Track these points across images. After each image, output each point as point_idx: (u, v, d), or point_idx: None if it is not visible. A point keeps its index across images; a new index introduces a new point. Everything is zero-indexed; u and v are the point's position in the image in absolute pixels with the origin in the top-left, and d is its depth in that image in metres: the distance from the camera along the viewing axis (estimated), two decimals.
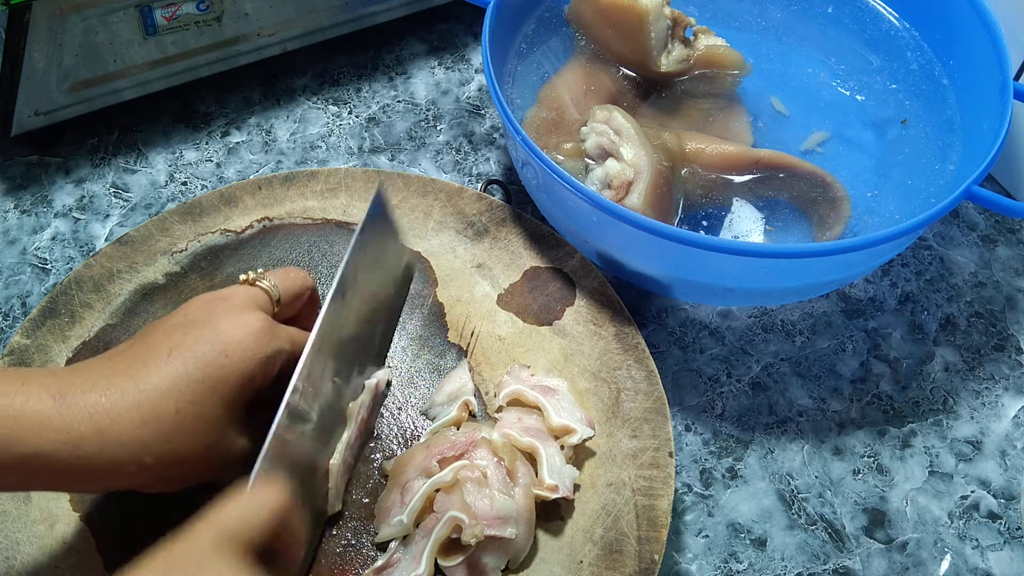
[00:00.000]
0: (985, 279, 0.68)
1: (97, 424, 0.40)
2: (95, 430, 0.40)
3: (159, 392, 0.42)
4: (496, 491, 0.48)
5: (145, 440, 0.41)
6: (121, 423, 0.41)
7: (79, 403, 0.40)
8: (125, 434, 0.41)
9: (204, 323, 0.45)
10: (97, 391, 0.41)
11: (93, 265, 0.60)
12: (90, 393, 0.41)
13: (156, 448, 0.42)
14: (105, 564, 0.49)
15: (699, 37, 0.67)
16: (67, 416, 0.40)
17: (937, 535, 0.56)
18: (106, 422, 0.40)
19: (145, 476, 0.42)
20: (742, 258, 0.53)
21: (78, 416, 0.40)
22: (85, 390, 0.41)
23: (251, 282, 0.49)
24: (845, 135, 0.67)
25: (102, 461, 0.40)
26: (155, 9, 0.66)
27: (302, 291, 0.51)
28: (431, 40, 0.82)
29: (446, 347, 0.58)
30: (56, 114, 0.68)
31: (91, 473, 0.41)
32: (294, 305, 0.51)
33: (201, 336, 0.44)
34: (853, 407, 0.61)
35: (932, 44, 0.69)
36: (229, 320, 0.45)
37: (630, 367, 0.57)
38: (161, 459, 0.42)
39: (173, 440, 0.42)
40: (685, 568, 0.54)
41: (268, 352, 0.45)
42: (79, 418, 0.40)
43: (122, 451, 0.41)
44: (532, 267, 0.62)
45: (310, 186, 0.65)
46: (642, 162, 0.58)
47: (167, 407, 0.42)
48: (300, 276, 0.52)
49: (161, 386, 0.42)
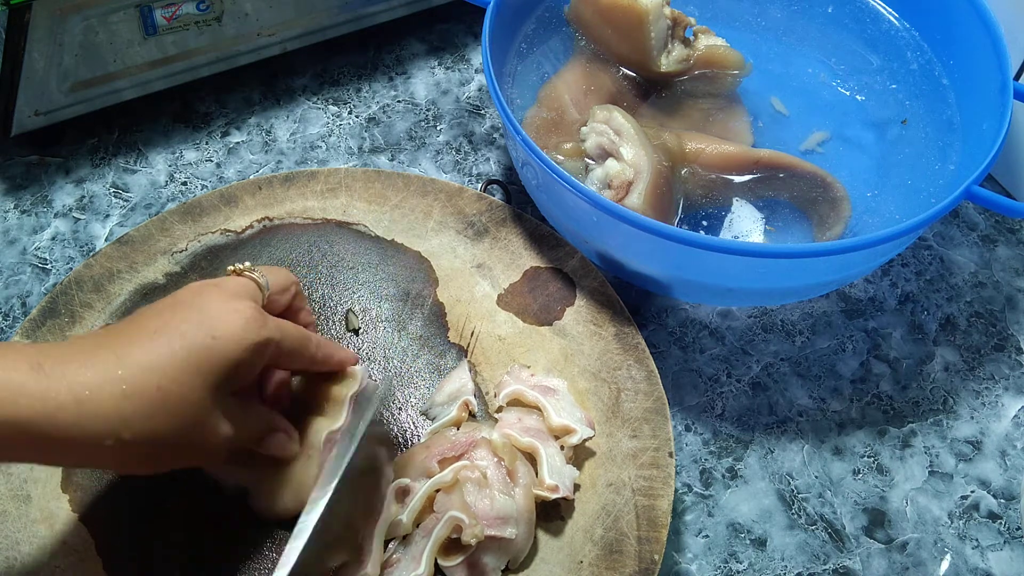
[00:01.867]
0: (985, 279, 0.68)
1: (76, 394, 0.39)
2: (73, 400, 0.39)
3: (142, 368, 0.41)
4: (496, 491, 0.48)
5: (125, 414, 0.40)
6: (101, 395, 0.40)
7: (57, 372, 0.39)
8: (105, 406, 0.40)
9: (194, 306, 0.44)
10: (77, 362, 0.40)
11: (93, 265, 0.60)
12: (70, 364, 0.40)
13: (136, 424, 0.41)
14: (104, 564, 0.49)
15: (699, 37, 0.67)
16: (44, 384, 0.39)
17: (937, 535, 0.56)
18: (85, 393, 0.39)
19: (123, 453, 0.41)
20: (742, 258, 0.53)
21: (55, 385, 0.39)
22: (65, 361, 0.40)
23: (239, 273, 0.49)
24: (845, 135, 0.67)
25: (79, 433, 0.39)
26: (155, 9, 0.66)
27: (288, 284, 0.51)
28: (431, 40, 0.82)
29: (446, 347, 0.58)
30: (56, 114, 0.68)
31: (68, 445, 0.40)
32: (281, 298, 0.51)
33: (190, 317, 0.44)
34: (853, 407, 0.61)
35: (932, 44, 0.69)
36: (220, 305, 0.45)
37: (630, 367, 0.57)
38: (140, 436, 0.41)
39: (154, 417, 0.41)
40: (685, 568, 0.54)
41: (257, 339, 0.45)
42: (56, 387, 0.39)
43: (101, 424, 0.40)
44: (532, 267, 0.62)
45: (310, 186, 0.65)
46: (642, 162, 0.58)
47: (149, 383, 0.41)
48: (284, 272, 0.51)
49: (145, 362, 0.41)
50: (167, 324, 0.43)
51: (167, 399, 0.41)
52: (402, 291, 0.61)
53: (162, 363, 0.42)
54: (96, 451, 0.41)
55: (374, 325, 0.59)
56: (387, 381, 0.57)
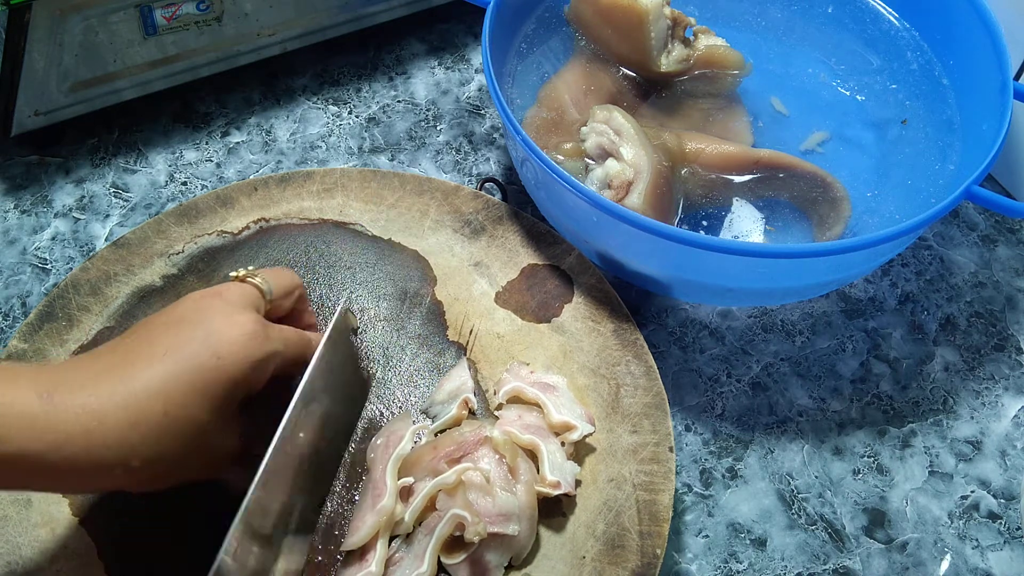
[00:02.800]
0: (985, 279, 0.68)
1: (84, 425, 0.39)
2: (82, 431, 0.39)
3: (147, 394, 0.41)
4: (498, 488, 0.48)
5: (132, 443, 0.40)
6: (108, 424, 0.40)
7: (66, 403, 0.39)
8: (112, 436, 0.40)
9: (196, 323, 0.44)
10: (86, 391, 0.40)
11: (90, 268, 0.60)
12: (78, 393, 0.40)
13: (143, 451, 0.41)
14: (106, 569, 0.49)
15: (699, 37, 0.67)
16: (53, 416, 0.39)
17: (937, 535, 0.56)
18: (93, 423, 0.40)
19: (132, 478, 0.42)
20: (742, 258, 0.53)
21: (64, 416, 0.39)
22: (73, 389, 0.40)
23: (242, 279, 0.49)
24: (845, 135, 0.67)
25: (88, 463, 0.40)
26: (155, 9, 0.66)
27: (292, 288, 0.51)
28: (431, 40, 0.82)
29: (445, 345, 0.58)
30: (56, 114, 0.68)
31: (77, 474, 0.40)
32: (285, 303, 0.51)
33: (193, 336, 0.44)
34: (853, 407, 0.61)
35: (932, 44, 0.69)
36: (222, 320, 0.44)
37: (629, 363, 0.57)
38: (148, 461, 0.41)
39: (161, 443, 0.41)
40: (685, 568, 0.54)
41: (261, 355, 0.45)
42: (65, 418, 0.39)
43: (108, 453, 0.40)
44: (529, 264, 0.62)
45: (306, 186, 0.65)
46: (642, 162, 0.58)
47: (155, 409, 0.41)
48: (289, 273, 0.51)
49: (150, 387, 0.41)
50: (171, 344, 0.43)
51: (173, 424, 0.42)
52: (400, 290, 0.61)
53: (168, 388, 0.42)
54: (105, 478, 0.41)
55: (373, 325, 0.59)
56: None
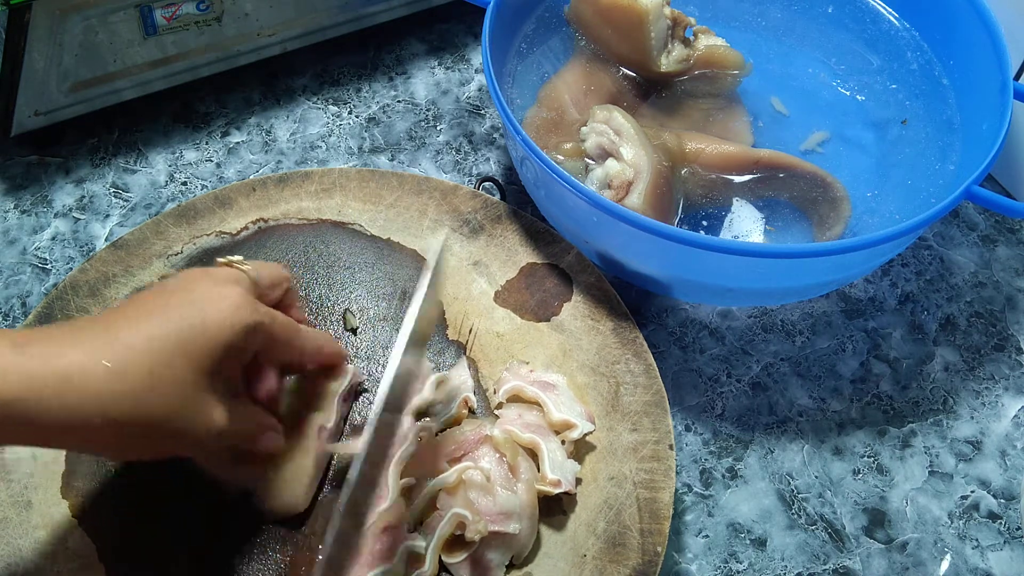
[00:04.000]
0: (985, 279, 0.68)
1: (61, 373, 0.39)
2: (60, 378, 0.39)
3: (132, 350, 0.41)
4: (499, 487, 0.48)
5: (114, 394, 0.40)
6: (88, 374, 0.39)
7: (41, 352, 0.39)
8: (91, 386, 0.39)
9: (184, 290, 0.44)
10: (63, 343, 0.40)
11: (88, 269, 0.60)
12: (53, 345, 0.40)
13: (125, 405, 0.40)
14: (107, 571, 0.49)
15: (699, 37, 0.67)
16: (28, 364, 0.39)
17: (937, 535, 0.56)
18: (73, 369, 0.39)
19: (112, 435, 0.41)
20: (742, 258, 0.53)
21: (39, 364, 0.39)
22: (49, 342, 0.40)
23: (228, 264, 0.49)
24: (845, 135, 0.67)
25: (66, 411, 0.39)
26: (155, 9, 0.66)
27: (279, 279, 0.51)
28: (431, 40, 0.82)
29: (445, 344, 0.58)
30: (56, 114, 0.68)
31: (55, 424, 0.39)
32: (272, 293, 0.50)
33: (180, 300, 0.43)
34: (853, 407, 0.61)
35: (932, 44, 0.69)
36: (210, 290, 0.44)
37: (628, 361, 0.57)
38: (129, 417, 0.41)
39: (143, 399, 0.41)
40: (685, 568, 0.54)
41: (248, 322, 0.44)
42: (41, 365, 0.39)
43: (88, 402, 0.39)
44: (528, 263, 0.62)
45: (304, 186, 0.65)
46: (642, 162, 0.58)
47: (140, 365, 0.41)
48: (277, 267, 0.51)
49: (135, 344, 0.41)
50: (157, 307, 0.43)
51: (157, 382, 0.41)
52: (399, 289, 0.61)
53: (152, 345, 0.41)
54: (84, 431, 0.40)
55: (372, 324, 0.59)
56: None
